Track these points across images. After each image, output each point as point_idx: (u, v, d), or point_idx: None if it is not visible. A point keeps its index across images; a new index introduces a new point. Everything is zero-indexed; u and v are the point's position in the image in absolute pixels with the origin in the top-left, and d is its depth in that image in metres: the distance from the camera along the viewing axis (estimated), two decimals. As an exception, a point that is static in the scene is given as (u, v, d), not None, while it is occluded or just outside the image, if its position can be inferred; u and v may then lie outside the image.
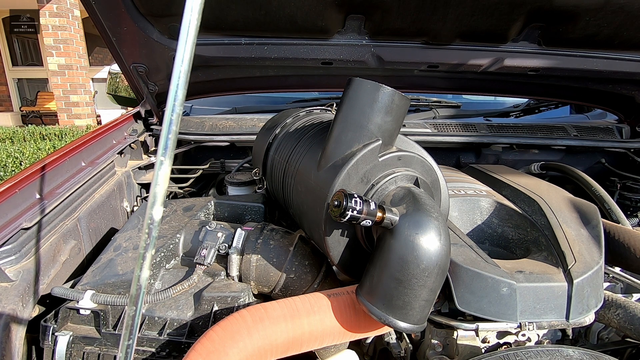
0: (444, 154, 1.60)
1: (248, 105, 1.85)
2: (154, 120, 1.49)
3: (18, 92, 10.68)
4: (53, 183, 0.99)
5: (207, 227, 0.89)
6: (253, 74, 1.36)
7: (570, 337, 0.84)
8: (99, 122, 9.12)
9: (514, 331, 0.76)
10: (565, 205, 0.95)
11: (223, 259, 0.86)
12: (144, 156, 1.46)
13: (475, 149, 1.60)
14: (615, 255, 0.92)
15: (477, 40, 1.21)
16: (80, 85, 8.03)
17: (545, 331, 0.78)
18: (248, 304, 0.79)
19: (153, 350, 0.74)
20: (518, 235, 0.91)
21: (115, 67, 1.76)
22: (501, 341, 0.78)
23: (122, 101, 1.83)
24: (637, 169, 1.56)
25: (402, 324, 0.59)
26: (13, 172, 4.44)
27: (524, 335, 0.76)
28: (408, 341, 0.86)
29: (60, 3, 7.30)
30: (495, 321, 0.74)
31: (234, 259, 0.84)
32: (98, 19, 1.04)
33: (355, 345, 0.93)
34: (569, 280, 0.72)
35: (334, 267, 0.89)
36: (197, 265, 0.84)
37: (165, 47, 1.15)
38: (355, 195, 0.57)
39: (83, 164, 1.13)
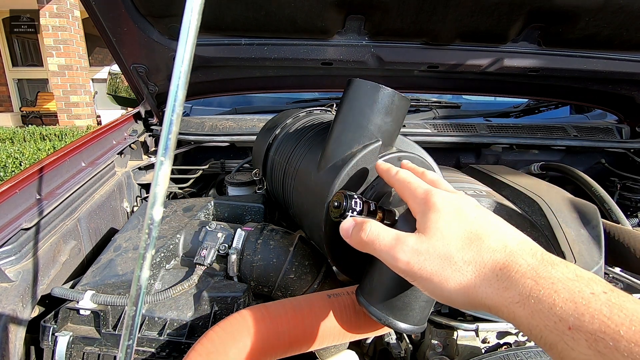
0: (444, 154, 1.60)
1: (248, 106, 1.85)
2: (154, 120, 1.49)
3: (18, 93, 10.69)
4: (53, 183, 0.99)
5: (207, 227, 0.89)
6: (253, 75, 1.36)
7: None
8: (99, 123, 9.12)
9: (514, 331, 0.76)
10: (565, 206, 0.95)
11: (223, 259, 0.86)
12: (144, 156, 1.46)
13: (475, 149, 1.60)
14: (615, 255, 0.92)
15: (476, 41, 1.21)
16: (81, 86, 8.04)
17: (545, 331, 0.78)
18: (248, 304, 0.79)
19: (153, 350, 0.74)
20: (518, 236, 0.90)
21: (115, 68, 1.76)
22: (501, 341, 0.78)
23: (122, 101, 1.83)
24: (637, 169, 1.56)
25: (402, 325, 0.59)
26: (13, 173, 4.44)
27: (524, 335, 0.76)
28: (408, 341, 0.86)
29: (61, 3, 7.31)
30: (495, 321, 0.74)
31: (234, 259, 0.84)
32: (98, 19, 1.04)
33: (355, 346, 0.94)
34: (569, 280, 0.72)
35: (334, 268, 0.89)
36: (197, 266, 0.84)
37: (165, 48, 1.15)
38: (355, 196, 0.57)
39: (83, 165, 1.13)
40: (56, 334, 0.74)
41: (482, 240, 0.40)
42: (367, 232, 0.48)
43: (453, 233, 0.42)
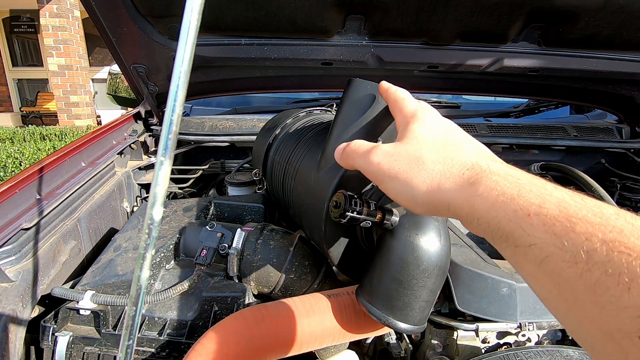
0: (443, 154, 1.60)
1: (248, 106, 1.85)
2: (154, 120, 1.49)
3: (18, 93, 10.68)
4: (53, 183, 0.99)
5: (207, 227, 0.89)
6: (253, 75, 1.36)
7: (570, 337, 0.84)
8: (99, 123, 9.12)
9: (514, 331, 0.76)
10: (565, 206, 0.94)
11: (223, 259, 0.86)
12: (144, 156, 1.46)
13: (475, 149, 1.60)
14: (615, 256, 0.92)
15: (476, 41, 1.21)
16: (80, 86, 8.04)
17: (545, 331, 0.78)
18: (248, 304, 0.79)
19: (153, 350, 0.74)
20: (518, 236, 0.90)
21: (115, 68, 1.76)
22: (501, 341, 0.78)
23: (122, 101, 1.83)
24: (637, 169, 1.56)
25: (402, 325, 0.59)
26: (13, 173, 4.44)
27: (524, 335, 0.76)
28: (408, 341, 0.86)
29: (61, 3, 7.30)
30: (495, 321, 0.74)
31: (234, 259, 0.84)
32: (98, 19, 1.04)
33: (355, 346, 0.93)
34: (569, 280, 0.72)
35: (334, 268, 0.89)
36: (197, 266, 0.84)
37: (165, 48, 1.15)
38: (355, 196, 0.57)
39: (83, 165, 1.13)
40: (56, 334, 0.74)
41: (455, 146, 0.41)
42: (350, 145, 0.50)
43: (429, 139, 0.43)
